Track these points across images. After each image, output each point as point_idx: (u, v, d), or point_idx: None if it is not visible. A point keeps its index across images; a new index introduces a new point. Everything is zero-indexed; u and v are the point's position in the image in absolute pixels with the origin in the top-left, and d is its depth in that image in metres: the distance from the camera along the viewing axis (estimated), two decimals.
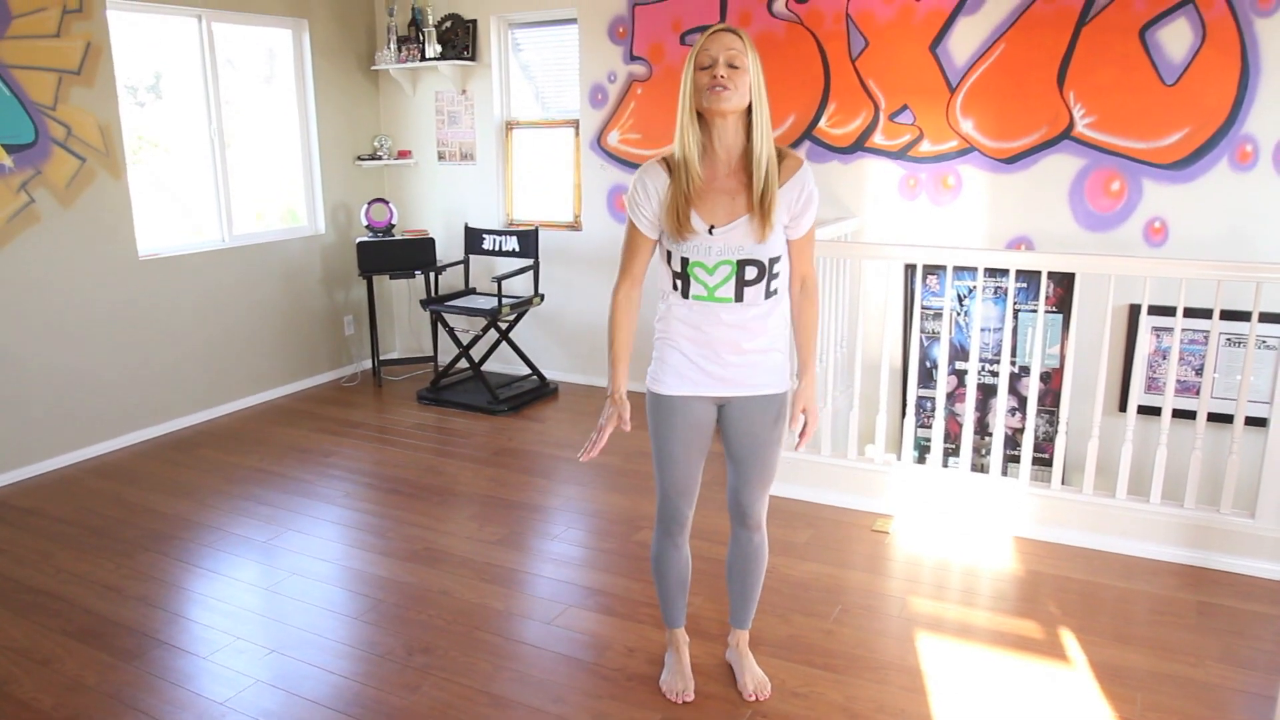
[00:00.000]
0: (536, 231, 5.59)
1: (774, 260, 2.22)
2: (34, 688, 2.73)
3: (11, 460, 4.34)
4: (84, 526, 3.85)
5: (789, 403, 2.41)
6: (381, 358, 6.20)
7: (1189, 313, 3.72)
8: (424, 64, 5.77)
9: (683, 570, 2.59)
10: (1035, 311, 4.08)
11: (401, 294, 6.42)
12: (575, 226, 5.81)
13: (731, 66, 2.11)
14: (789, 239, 2.27)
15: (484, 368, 5.68)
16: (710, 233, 2.19)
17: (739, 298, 2.23)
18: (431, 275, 5.79)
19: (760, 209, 2.16)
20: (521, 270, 5.47)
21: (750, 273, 2.21)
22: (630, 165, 5.47)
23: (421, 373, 6.17)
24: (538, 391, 5.61)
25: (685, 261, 2.23)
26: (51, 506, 4.05)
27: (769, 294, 2.25)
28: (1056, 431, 3.68)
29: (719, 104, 2.11)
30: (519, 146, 5.97)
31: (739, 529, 2.55)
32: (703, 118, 2.18)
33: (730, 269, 2.20)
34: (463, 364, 5.99)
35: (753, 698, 2.60)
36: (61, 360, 4.49)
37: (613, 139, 5.50)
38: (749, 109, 2.16)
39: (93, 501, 4.10)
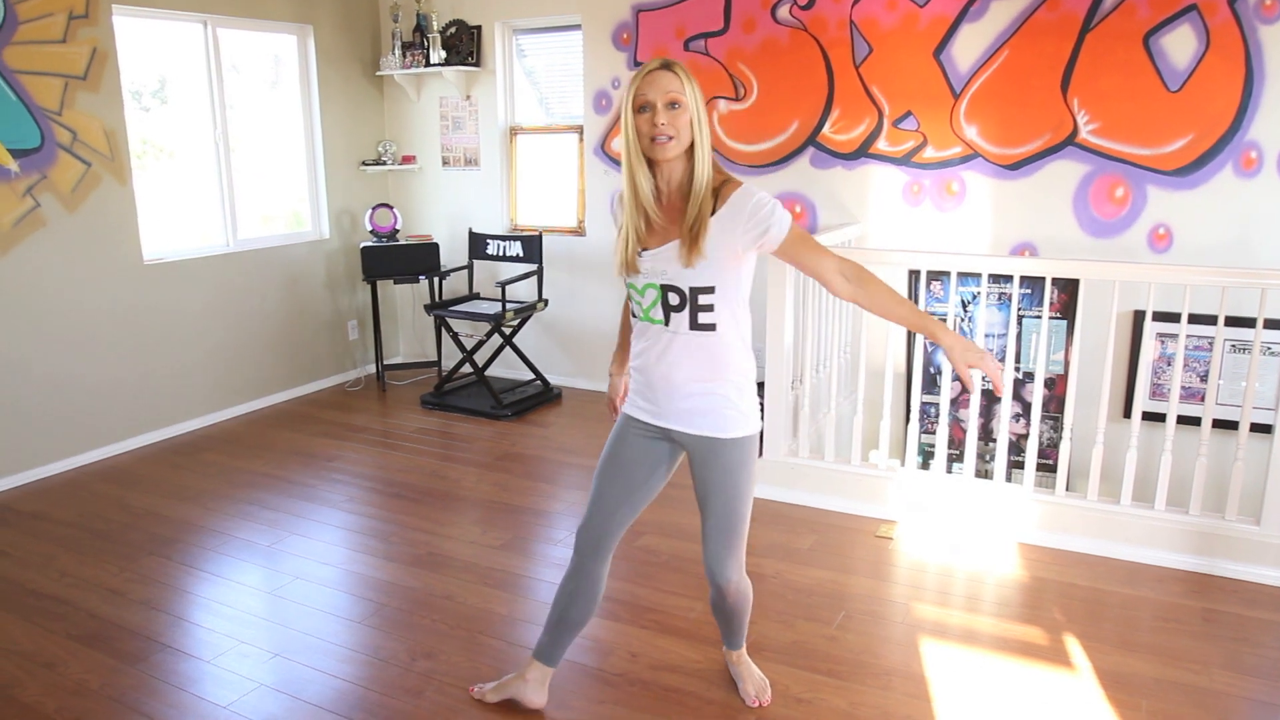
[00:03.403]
0: (540, 237, 5.60)
1: (699, 290, 2.12)
2: (38, 691, 2.73)
3: (16, 464, 4.35)
4: (88, 530, 3.85)
5: (749, 453, 2.27)
6: (385, 362, 6.21)
7: (1194, 319, 3.71)
8: (428, 69, 5.78)
9: (574, 600, 2.46)
10: (1039, 318, 4.08)
11: (405, 299, 6.43)
12: (579, 232, 5.82)
13: (672, 106, 2.07)
14: (775, 254, 2.15)
15: (488, 373, 5.68)
16: (640, 255, 2.18)
17: (667, 321, 2.19)
18: (435, 280, 5.80)
19: (689, 236, 2.10)
20: (525, 275, 5.47)
21: (673, 299, 2.16)
22: None
23: (425, 377, 6.17)
24: (541, 396, 5.61)
25: (626, 281, 2.24)
26: (56, 510, 4.06)
27: (695, 325, 2.15)
28: (1061, 437, 3.67)
29: (664, 155, 2.10)
30: (523, 152, 5.98)
31: (710, 585, 2.45)
32: (650, 159, 2.14)
33: (656, 293, 2.18)
34: (466, 369, 5.99)
35: (755, 703, 2.60)
36: (66, 364, 4.50)
37: (617, 144, 5.49)
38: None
39: (97, 505, 4.10)
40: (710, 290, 2.12)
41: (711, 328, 2.16)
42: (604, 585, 2.49)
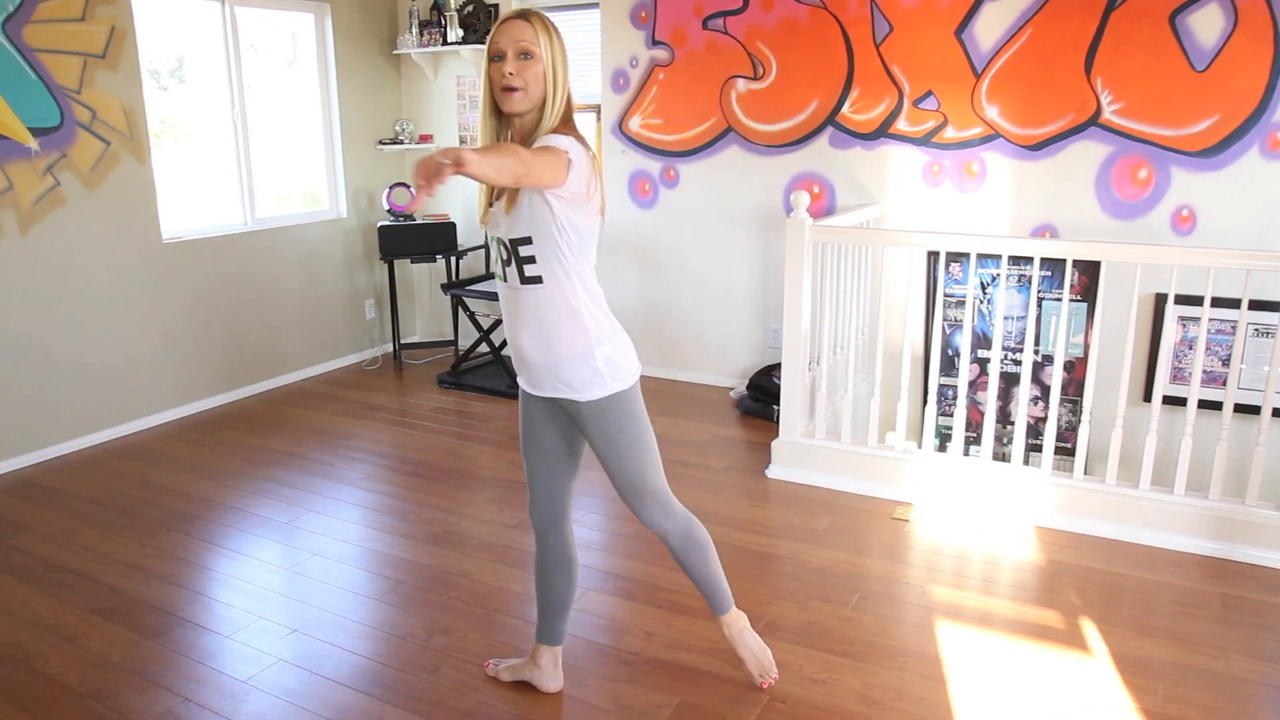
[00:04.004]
0: None
1: (518, 241, 2.10)
2: (60, 663, 2.76)
3: (38, 440, 4.39)
4: (109, 506, 3.89)
5: (618, 411, 2.22)
6: (402, 341, 6.23)
7: (1216, 302, 3.67)
8: (446, 48, 5.76)
9: (547, 576, 2.50)
10: (1060, 300, 4.05)
11: (422, 278, 6.44)
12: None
13: (524, 57, 2.03)
14: (564, 193, 2.03)
15: (504, 352, 5.69)
16: (490, 207, 2.18)
17: (505, 277, 2.18)
18: (452, 259, 5.80)
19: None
20: None
21: (503, 252, 2.15)
22: (652, 150, 5.45)
23: (442, 356, 6.19)
24: None
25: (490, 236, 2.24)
26: (77, 486, 4.10)
27: (524, 279, 2.13)
28: (1080, 421, 3.65)
29: (511, 106, 2.06)
30: None
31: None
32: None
33: (496, 246, 2.18)
34: (483, 348, 6.00)
35: (763, 684, 2.58)
36: (86, 342, 4.53)
37: (634, 124, 5.48)
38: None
39: (117, 482, 4.14)
40: (528, 241, 2.10)
41: (538, 280, 2.12)
42: (573, 555, 2.52)
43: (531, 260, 2.11)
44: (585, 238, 2.14)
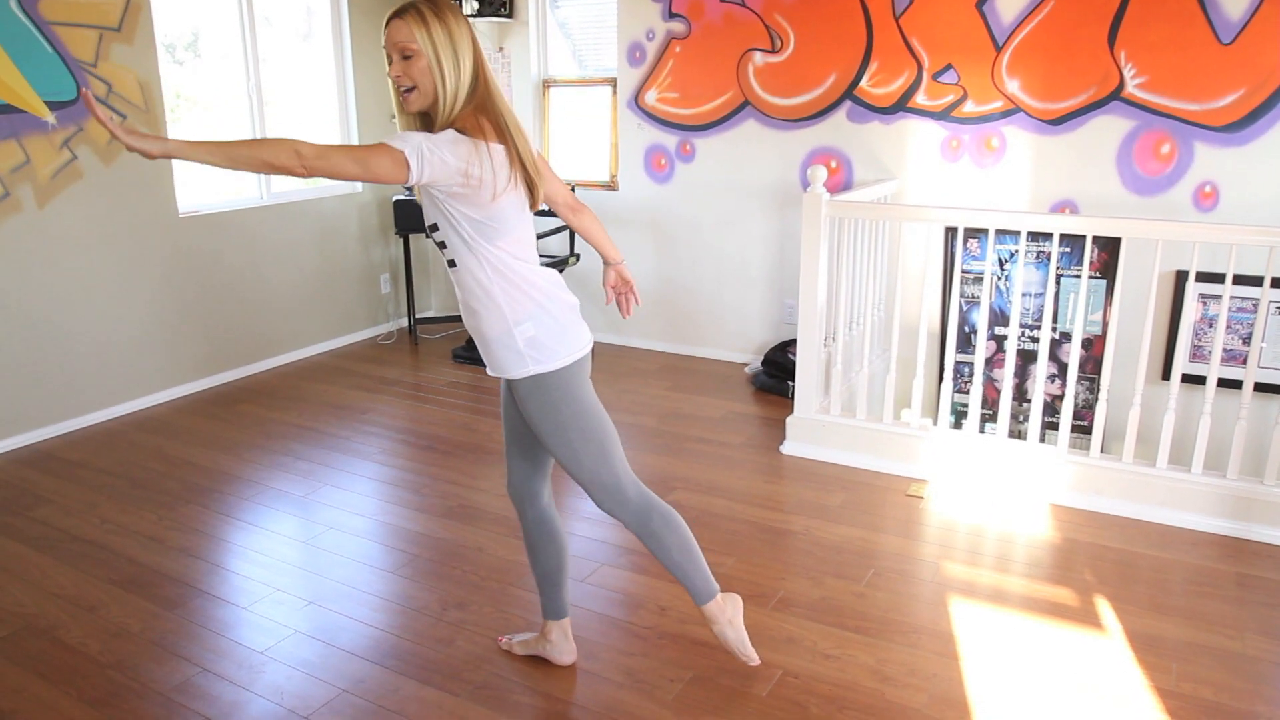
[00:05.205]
0: (573, 190, 5.55)
1: (430, 227, 2.16)
2: (81, 633, 2.80)
3: (57, 414, 4.43)
4: (128, 479, 3.93)
5: (545, 393, 2.20)
6: (417, 316, 6.24)
7: (1238, 280, 3.63)
8: None
9: (535, 551, 2.53)
10: (1079, 277, 4.01)
11: (437, 253, 6.43)
12: (612, 186, 5.78)
13: (405, 57, 2.02)
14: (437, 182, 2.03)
15: None
16: None
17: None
18: None
19: None
20: (557, 230, 5.45)
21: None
22: (668, 124, 5.42)
23: (457, 331, 6.20)
24: None
25: None
26: (96, 459, 4.14)
27: (447, 261, 2.18)
28: (1097, 399, 3.62)
29: (409, 107, 2.08)
30: (556, 105, 5.93)
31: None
32: None
33: None
34: None
35: (758, 663, 2.54)
36: (104, 316, 4.56)
37: (650, 98, 5.44)
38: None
39: (136, 455, 4.18)
40: (436, 227, 2.15)
41: (453, 264, 2.17)
42: (557, 529, 2.53)
43: (443, 245, 2.17)
44: (487, 225, 2.09)
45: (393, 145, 1.94)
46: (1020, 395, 4.47)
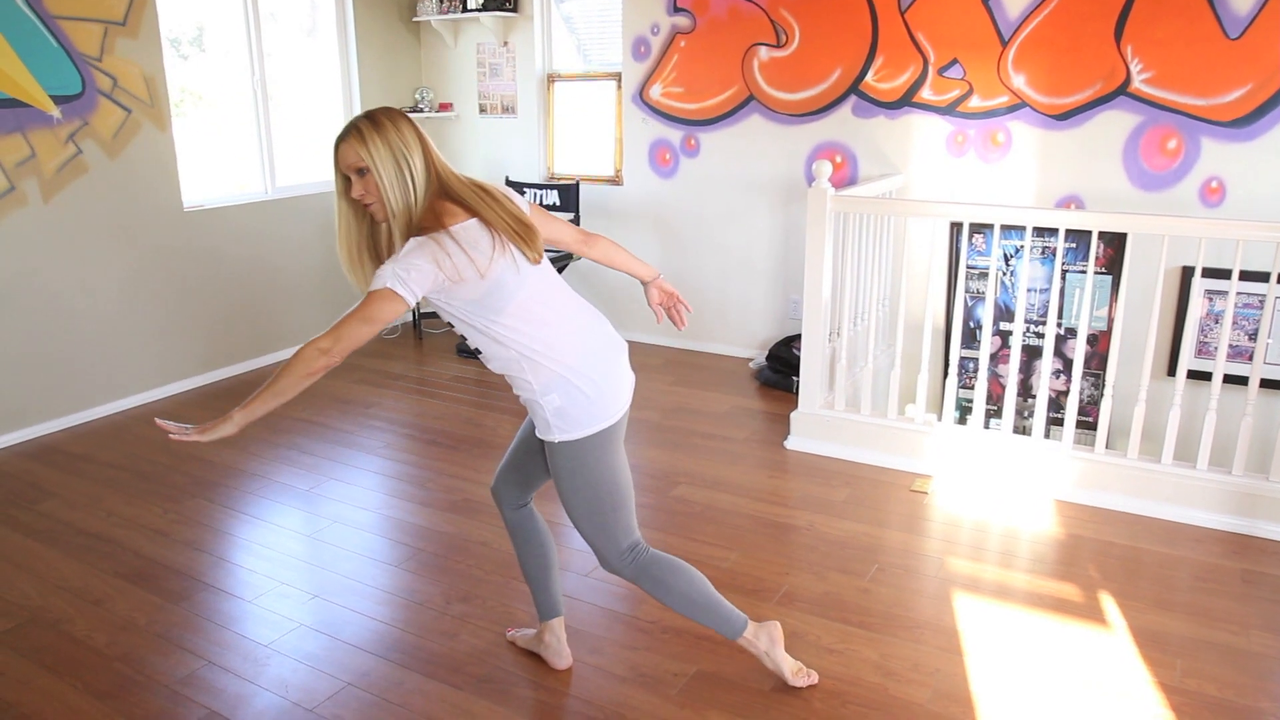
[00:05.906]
0: (577, 185, 5.56)
1: (461, 339, 2.18)
2: (88, 626, 2.81)
3: (63, 406, 4.44)
4: (133, 472, 3.94)
5: (566, 461, 2.20)
6: (422, 311, 6.24)
7: (1244, 276, 3.62)
8: (465, 15, 5.72)
9: (521, 552, 2.57)
10: (1084, 272, 4.00)
11: None
12: (616, 181, 5.77)
13: (360, 174, 2.07)
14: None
15: None
16: None
17: None
18: None
19: None
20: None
21: None
22: (672, 119, 5.41)
23: None
24: None
25: None
26: (102, 452, 4.15)
27: (476, 353, 2.22)
28: (1102, 395, 3.61)
29: (378, 219, 2.14)
30: (560, 99, 5.93)
31: None
32: None
33: None
34: None
35: (814, 682, 2.52)
36: (109, 309, 4.57)
37: (655, 92, 5.43)
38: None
39: (141, 448, 4.19)
40: (435, 314, 2.17)
41: (479, 352, 2.22)
42: (537, 531, 2.56)
43: (464, 336, 2.21)
44: (487, 301, 2.10)
45: (377, 290, 2.00)
46: (1025, 391, 4.47)
